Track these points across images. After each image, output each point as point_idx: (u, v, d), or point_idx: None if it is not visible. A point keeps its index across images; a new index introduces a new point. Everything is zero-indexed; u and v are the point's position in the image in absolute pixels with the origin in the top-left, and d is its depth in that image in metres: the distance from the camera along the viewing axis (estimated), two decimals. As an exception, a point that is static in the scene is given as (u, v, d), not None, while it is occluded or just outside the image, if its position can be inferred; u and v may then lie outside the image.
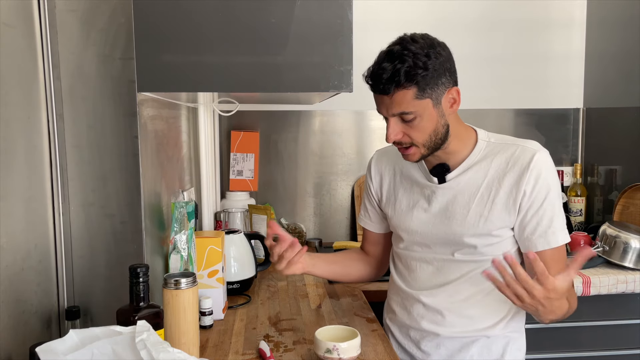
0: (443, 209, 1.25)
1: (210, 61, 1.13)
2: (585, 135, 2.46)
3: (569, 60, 2.44)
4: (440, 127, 1.17)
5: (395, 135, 1.17)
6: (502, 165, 1.20)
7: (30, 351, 0.87)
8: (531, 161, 1.17)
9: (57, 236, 1.06)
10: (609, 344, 1.81)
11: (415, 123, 1.14)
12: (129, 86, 1.07)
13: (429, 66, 1.10)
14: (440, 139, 1.18)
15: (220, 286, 1.41)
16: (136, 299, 0.92)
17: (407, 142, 1.18)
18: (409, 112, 1.12)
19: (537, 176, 1.16)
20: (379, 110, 1.18)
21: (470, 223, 1.21)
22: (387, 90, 1.11)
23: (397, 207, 1.33)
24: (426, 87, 1.11)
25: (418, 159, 1.21)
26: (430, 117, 1.15)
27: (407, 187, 1.32)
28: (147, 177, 1.16)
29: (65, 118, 1.05)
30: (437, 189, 1.25)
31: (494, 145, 1.23)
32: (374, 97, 1.17)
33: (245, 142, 2.28)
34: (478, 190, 1.21)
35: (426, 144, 1.18)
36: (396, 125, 1.16)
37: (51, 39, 1.03)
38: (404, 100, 1.11)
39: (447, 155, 1.23)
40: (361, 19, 1.44)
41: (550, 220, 1.17)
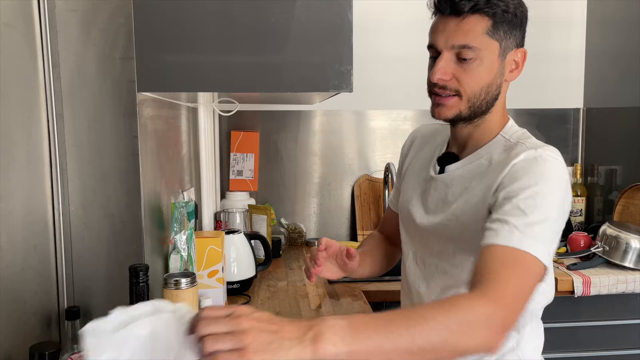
0: (433, 205, 1.09)
1: (210, 61, 1.13)
2: (585, 135, 2.46)
3: (569, 60, 2.44)
4: (494, 87, 1.00)
5: (443, 74, 0.97)
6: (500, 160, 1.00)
7: (30, 351, 0.87)
8: (518, 156, 0.95)
9: (57, 236, 1.06)
10: (609, 344, 1.81)
11: (472, 66, 0.97)
12: (129, 86, 1.07)
13: (510, 6, 0.97)
14: (487, 102, 1.00)
15: (220, 286, 1.41)
16: (136, 299, 0.92)
17: (453, 88, 0.99)
18: (472, 46, 0.95)
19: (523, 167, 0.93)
20: (433, 42, 1.00)
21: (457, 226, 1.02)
22: (461, 10, 0.94)
23: (404, 190, 1.20)
24: (501, 26, 0.97)
25: (453, 117, 1.01)
26: (490, 66, 0.98)
27: (416, 171, 1.18)
28: (147, 177, 1.16)
29: (65, 118, 1.05)
30: (433, 180, 1.10)
31: (508, 144, 1.03)
32: (434, 25, 1.00)
33: (245, 142, 2.28)
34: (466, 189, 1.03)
35: (472, 99, 0.99)
36: (448, 63, 0.98)
37: (51, 39, 1.03)
38: (473, 30, 0.95)
39: (470, 138, 1.06)
40: (361, 19, 1.44)
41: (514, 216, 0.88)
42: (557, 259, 1.90)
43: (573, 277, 1.72)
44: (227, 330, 0.65)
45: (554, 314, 1.77)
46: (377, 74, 2.31)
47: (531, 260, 0.86)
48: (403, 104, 2.34)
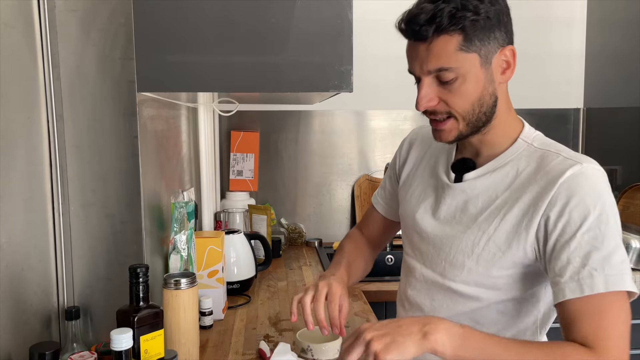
0: (449, 215, 1.01)
1: (210, 61, 1.13)
2: (585, 135, 2.46)
3: (569, 60, 2.44)
4: (488, 97, 0.92)
5: (429, 101, 0.92)
6: (529, 174, 0.93)
7: (30, 351, 0.87)
8: (564, 173, 0.87)
9: (57, 236, 1.06)
10: (609, 344, 1.81)
11: (455, 86, 0.90)
12: (129, 86, 1.07)
13: (481, 11, 0.87)
14: (485, 113, 0.93)
15: (220, 286, 1.41)
16: (136, 299, 0.92)
17: (444, 111, 0.93)
18: (449, 67, 0.88)
19: (571, 193, 0.85)
20: (411, 69, 0.94)
21: (470, 238, 0.96)
22: (425, 35, 0.87)
23: (408, 195, 1.13)
24: (474, 36, 0.87)
25: (454, 139, 0.95)
26: (475, 80, 0.90)
27: (425, 178, 1.10)
28: (147, 177, 1.16)
29: (65, 118, 1.05)
30: (449, 188, 1.02)
31: (534, 150, 0.96)
32: (407, 50, 0.94)
33: (245, 142, 2.28)
34: (494, 201, 0.95)
35: (467, 117, 0.92)
36: (430, 88, 0.91)
37: (51, 39, 1.03)
38: (445, 52, 0.87)
39: (482, 145, 0.99)
40: (361, 19, 1.44)
41: (586, 256, 0.83)
42: (557, 259, 1.89)
43: (573, 277, 1.72)
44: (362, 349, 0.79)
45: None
46: (378, 74, 2.31)
47: (622, 297, 0.82)
48: (403, 104, 2.34)
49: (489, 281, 0.96)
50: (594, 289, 0.81)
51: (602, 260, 0.82)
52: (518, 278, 0.95)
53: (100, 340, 1.08)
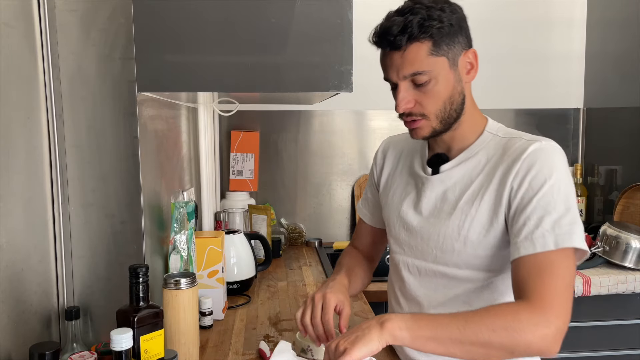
0: (431, 205, 1.10)
1: (210, 61, 1.13)
2: (585, 135, 2.46)
3: (569, 60, 2.44)
4: (457, 95, 1.03)
5: (407, 104, 1.02)
6: (498, 155, 1.04)
7: (30, 351, 0.87)
8: (525, 150, 0.99)
9: (57, 236, 1.06)
10: (609, 344, 1.81)
11: (429, 87, 1.00)
12: (129, 86, 1.07)
13: (444, 19, 0.98)
14: (456, 110, 1.04)
15: (220, 286, 1.41)
16: (136, 299, 0.92)
17: (419, 112, 1.03)
18: (422, 71, 0.99)
19: (529, 166, 0.97)
20: (387, 76, 1.05)
21: (454, 224, 1.04)
22: (399, 44, 0.98)
23: (389, 199, 1.20)
24: (442, 42, 0.99)
25: (428, 135, 1.05)
26: (446, 81, 1.01)
27: (404, 177, 1.19)
28: (147, 177, 1.16)
29: (65, 118, 1.05)
30: (427, 181, 1.11)
31: (499, 139, 1.07)
32: (382, 60, 1.05)
33: (245, 142, 2.28)
34: (469, 186, 1.05)
35: (439, 115, 1.03)
36: (407, 92, 1.02)
37: (51, 39, 1.03)
38: (418, 57, 0.98)
39: (452, 141, 1.09)
40: (361, 19, 1.43)
41: (540, 218, 0.94)
42: (557, 259, 1.89)
43: (573, 277, 1.72)
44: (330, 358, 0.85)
45: (554, 314, 1.78)
46: (377, 74, 2.30)
47: (569, 256, 0.93)
48: (403, 104, 2.34)
49: (477, 261, 1.04)
50: (545, 247, 0.92)
51: (553, 223, 0.93)
52: (504, 255, 1.02)
53: (100, 340, 1.08)
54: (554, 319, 0.88)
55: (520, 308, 0.89)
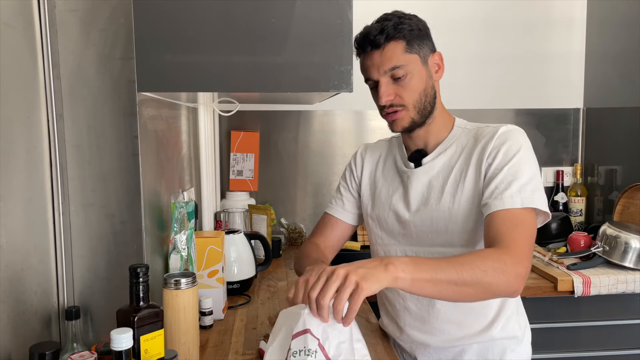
0: (419, 195, 1.22)
1: (210, 61, 1.13)
2: (585, 135, 2.46)
3: (569, 60, 2.44)
4: (430, 89, 1.18)
5: (388, 96, 1.16)
6: (471, 143, 1.19)
7: (30, 351, 0.87)
8: (497, 132, 1.16)
9: (57, 236, 1.06)
10: (609, 344, 1.81)
11: (406, 81, 1.15)
12: (129, 86, 1.07)
13: (413, 25, 1.16)
14: (430, 102, 1.19)
15: (220, 286, 1.41)
16: (136, 299, 0.92)
17: (399, 103, 1.17)
18: (400, 65, 1.14)
19: (500, 143, 1.14)
20: (368, 75, 1.18)
21: (444, 206, 1.17)
22: (378, 43, 1.14)
23: (376, 197, 1.31)
24: (413, 42, 1.15)
25: (407, 125, 1.19)
26: (420, 75, 1.16)
27: (387, 176, 1.32)
28: (147, 177, 1.16)
29: (65, 118, 1.05)
30: (413, 173, 1.24)
31: (468, 131, 1.23)
32: (363, 64, 1.19)
33: (245, 142, 2.28)
34: (451, 171, 1.19)
35: (417, 105, 1.17)
36: (388, 86, 1.16)
37: (51, 39, 1.03)
38: (395, 54, 1.14)
39: (428, 135, 1.23)
40: (361, 19, 1.42)
41: (509, 183, 1.10)
42: (557, 259, 1.90)
43: (573, 277, 1.72)
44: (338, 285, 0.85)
45: (554, 314, 1.78)
46: (377, 74, 2.31)
47: (532, 214, 1.09)
48: (403, 104, 2.34)
49: (467, 236, 1.16)
50: (513, 205, 1.07)
51: (520, 187, 1.09)
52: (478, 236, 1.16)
53: (100, 340, 1.08)
54: (525, 262, 1.01)
55: (502, 252, 0.99)
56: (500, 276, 0.95)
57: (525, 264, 1.01)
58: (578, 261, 1.85)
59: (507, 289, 0.98)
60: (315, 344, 0.83)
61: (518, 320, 1.25)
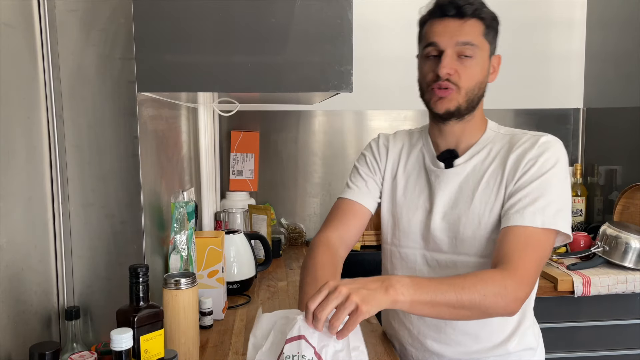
0: (447, 197, 1.16)
1: (210, 61, 1.13)
2: (585, 135, 2.46)
3: (569, 60, 2.44)
4: (483, 84, 1.14)
5: (450, 68, 1.09)
6: (506, 149, 1.13)
7: (30, 351, 0.87)
8: (537, 141, 1.10)
9: (57, 236, 1.06)
10: (609, 344, 1.81)
11: (470, 63, 1.10)
12: (129, 86, 1.07)
13: (496, 18, 1.14)
14: (478, 97, 1.13)
15: (220, 286, 1.41)
16: (136, 299, 0.92)
17: (455, 82, 1.10)
18: (475, 44, 1.09)
19: (539, 153, 1.08)
20: (434, 40, 1.10)
21: (474, 213, 1.12)
22: (465, 12, 1.08)
23: (397, 193, 1.24)
24: (490, 31, 1.12)
25: (453, 109, 1.11)
26: (483, 65, 1.12)
27: (411, 173, 1.24)
28: (147, 177, 1.16)
29: (65, 118, 1.05)
30: (442, 174, 1.17)
31: (502, 135, 1.17)
32: (433, 26, 1.11)
33: (245, 142, 2.28)
34: (483, 176, 1.13)
35: (469, 93, 1.11)
36: (452, 59, 1.09)
37: (51, 39, 1.03)
38: (474, 31, 1.09)
39: (462, 134, 1.17)
40: (361, 19, 1.43)
41: (535, 198, 1.05)
42: (557, 259, 1.90)
43: (573, 277, 1.72)
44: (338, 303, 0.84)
45: (554, 314, 1.78)
46: (377, 74, 2.31)
47: (550, 236, 1.05)
48: (403, 104, 2.34)
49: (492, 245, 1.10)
50: (533, 222, 1.03)
51: (544, 205, 1.05)
52: None
53: (100, 340, 1.08)
54: (526, 288, 1.00)
55: (505, 275, 0.98)
56: (499, 301, 0.95)
57: (527, 288, 0.99)
58: (578, 261, 1.85)
59: (503, 312, 0.98)
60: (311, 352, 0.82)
61: (533, 330, 1.21)
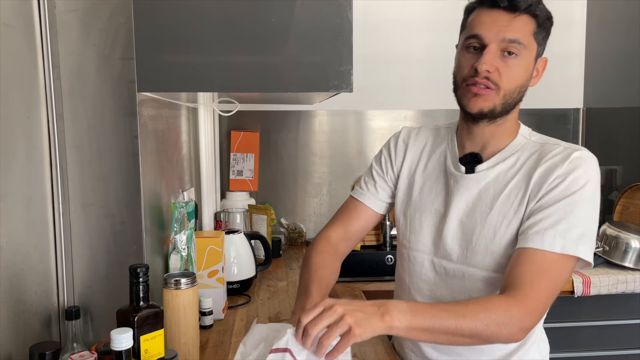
0: (464, 204, 1.09)
1: (210, 61, 1.13)
2: (585, 135, 2.46)
3: (569, 60, 2.44)
4: (524, 87, 1.04)
5: (491, 65, 0.99)
6: (534, 160, 1.04)
7: (30, 351, 0.87)
8: (570, 155, 1.00)
9: (57, 236, 1.06)
10: (609, 344, 1.81)
11: (514, 62, 1.00)
12: (129, 86, 1.07)
13: (550, 17, 1.04)
14: (515, 101, 1.04)
15: (220, 286, 1.41)
16: (136, 299, 0.92)
17: (494, 81, 1.01)
18: (522, 43, 0.99)
19: (569, 170, 0.99)
20: (479, 32, 1.01)
21: (490, 224, 1.05)
22: (518, 6, 0.98)
23: (413, 194, 1.18)
24: (541, 31, 1.02)
25: (487, 110, 1.03)
26: (527, 67, 1.02)
27: (431, 174, 1.17)
28: (147, 177, 1.16)
29: (65, 118, 1.05)
30: (462, 179, 1.10)
31: (533, 144, 1.08)
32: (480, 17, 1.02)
33: (245, 142, 2.28)
34: (505, 187, 1.05)
35: (507, 95, 1.02)
36: (494, 56, 1.00)
37: (51, 39, 1.03)
38: (524, 29, 1.00)
39: (492, 138, 1.09)
40: (361, 19, 1.42)
41: (557, 220, 0.97)
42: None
43: (573, 277, 1.73)
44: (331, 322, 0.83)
45: (554, 314, 1.77)
46: (377, 74, 2.31)
47: (569, 263, 0.97)
48: (403, 104, 2.34)
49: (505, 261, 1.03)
50: (552, 247, 0.96)
51: (567, 229, 0.96)
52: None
53: (100, 340, 1.08)
54: (534, 318, 0.94)
55: (512, 303, 0.92)
56: (502, 330, 0.90)
57: (534, 318, 0.94)
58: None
59: (506, 340, 0.93)
60: None
61: (539, 347, 1.15)
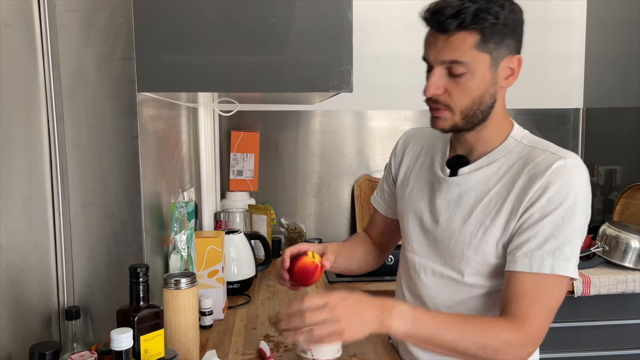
0: (444, 207, 1.08)
1: (210, 61, 1.13)
2: (585, 135, 2.46)
3: (569, 60, 2.44)
4: (488, 97, 0.99)
5: (436, 89, 0.98)
6: (519, 167, 1.00)
7: (30, 351, 0.87)
8: (550, 167, 0.96)
9: (57, 236, 1.06)
10: (609, 344, 1.81)
11: (463, 80, 0.96)
12: (129, 86, 1.07)
13: (500, 16, 0.94)
14: (482, 112, 1.00)
15: (220, 286, 1.41)
16: (136, 299, 0.92)
17: (444, 102, 0.99)
18: (462, 62, 0.95)
19: (549, 182, 0.95)
20: (426, 55, 1.00)
21: (467, 231, 1.03)
22: (447, 28, 0.94)
23: (406, 193, 1.19)
24: (490, 39, 0.95)
25: (448, 129, 1.02)
26: (482, 78, 0.97)
27: (421, 175, 1.17)
28: (147, 177, 1.16)
29: (65, 118, 1.05)
30: (444, 181, 1.09)
31: (523, 147, 1.03)
32: (427, 38, 1.00)
33: (245, 142, 2.28)
34: (487, 194, 1.02)
35: (464, 111, 0.99)
36: (440, 78, 0.97)
37: (51, 39, 1.03)
38: (462, 46, 0.94)
39: (476, 142, 1.06)
40: (361, 19, 1.42)
41: (544, 240, 0.94)
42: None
43: (573, 277, 1.72)
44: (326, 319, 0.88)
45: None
46: (377, 74, 2.31)
47: (562, 282, 0.95)
48: (403, 104, 2.34)
49: (486, 269, 1.03)
50: (541, 269, 0.94)
51: (555, 248, 0.94)
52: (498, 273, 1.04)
53: (100, 340, 1.08)
54: (532, 347, 0.94)
55: (511, 330, 0.93)
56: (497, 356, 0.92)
57: (532, 348, 0.94)
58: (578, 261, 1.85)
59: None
60: None
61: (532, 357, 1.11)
